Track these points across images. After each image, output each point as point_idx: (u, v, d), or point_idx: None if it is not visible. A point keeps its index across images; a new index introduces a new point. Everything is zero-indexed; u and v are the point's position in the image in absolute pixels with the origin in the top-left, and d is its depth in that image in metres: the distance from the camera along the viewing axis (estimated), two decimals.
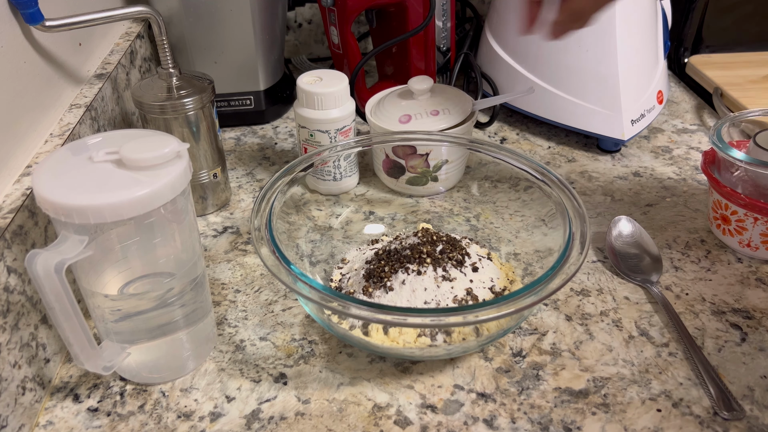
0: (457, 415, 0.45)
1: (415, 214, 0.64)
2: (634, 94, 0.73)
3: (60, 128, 0.54)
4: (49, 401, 0.47)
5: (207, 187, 0.65)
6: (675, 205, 0.67)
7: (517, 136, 0.80)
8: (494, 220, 0.61)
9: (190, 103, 0.59)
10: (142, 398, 0.47)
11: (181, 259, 0.45)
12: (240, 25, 0.76)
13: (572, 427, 0.44)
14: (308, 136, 0.66)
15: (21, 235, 0.44)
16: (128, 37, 0.74)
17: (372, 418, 0.45)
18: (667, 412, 0.45)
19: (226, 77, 0.79)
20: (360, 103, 0.77)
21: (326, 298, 0.42)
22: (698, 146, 0.77)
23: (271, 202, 0.50)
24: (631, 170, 0.73)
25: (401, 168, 0.64)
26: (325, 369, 0.49)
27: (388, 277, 0.51)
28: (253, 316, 0.54)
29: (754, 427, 0.44)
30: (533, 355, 0.50)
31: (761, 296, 0.55)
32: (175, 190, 0.41)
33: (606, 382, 0.48)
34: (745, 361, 0.49)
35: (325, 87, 0.63)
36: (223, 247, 0.62)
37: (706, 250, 0.60)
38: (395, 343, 0.48)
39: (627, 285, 0.57)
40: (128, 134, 0.44)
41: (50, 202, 0.38)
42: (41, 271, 0.38)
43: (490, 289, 0.52)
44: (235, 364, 0.50)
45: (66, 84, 0.59)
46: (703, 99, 0.87)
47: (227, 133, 0.82)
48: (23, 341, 0.44)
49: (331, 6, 0.74)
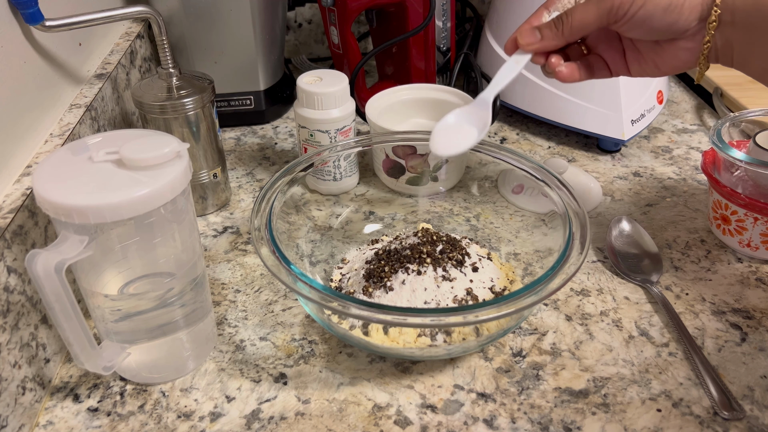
0: (457, 415, 0.45)
1: (415, 214, 0.64)
2: (634, 94, 0.73)
3: (60, 128, 0.54)
4: (49, 401, 0.47)
5: (207, 187, 0.65)
6: (675, 205, 0.67)
7: (517, 136, 0.80)
8: (494, 220, 0.61)
9: (190, 103, 0.59)
10: (142, 398, 0.47)
11: (181, 259, 0.45)
12: (240, 25, 0.76)
13: (572, 427, 0.44)
14: (308, 136, 0.66)
15: (21, 235, 0.44)
16: (128, 37, 0.74)
17: (372, 418, 0.45)
18: (667, 412, 0.45)
19: (226, 77, 0.79)
20: (360, 103, 0.77)
21: (326, 298, 0.42)
22: (698, 146, 0.77)
23: (271, 202, 0.50)
24: (631, 170, 0.73)
25: (401, 168, 0.64)
26: (325, 369, 0.49)
27: (388, 277, 0.51)
28: (253, 316, 0.54)
29: (754, 427, 0.44)
30: (533, 355, 0.50)
31: (761, 296, 0.55)
32: (175, 190, 0.41)
33: (606, 382, 0.48)
34: (745, 361, 0.49)
35: (325, 87, 0.63)
36: (223, 247, 0.62)
37: (706, 250, 0.60)
38: (395, 343, 0.48)
39: (627, 285, 0.57)
40: (128, 134, 0.44)
41: (50, 202, 0.38)
42: (41, 271, 0.38)
43: (490, 289, 0.52)
44: (235, 364, 0.50)
45: (66, 84, 0.59)
46: (703, 99, 0.87)
47: (227, 133, 0.82)
48: (23, 341, 0.44)
49: (331, 6, 0.74)
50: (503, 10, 0.80)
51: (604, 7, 0.45)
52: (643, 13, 0.44)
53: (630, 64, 0.50)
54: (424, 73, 0.82)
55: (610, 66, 0.51)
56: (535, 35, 0.48)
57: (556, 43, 0.48)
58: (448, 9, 0.85)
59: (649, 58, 0.49)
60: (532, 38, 0.48)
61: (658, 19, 0.44)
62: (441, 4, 0.83)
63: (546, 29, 0.48)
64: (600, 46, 0.51)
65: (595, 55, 0.51)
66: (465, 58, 0.85)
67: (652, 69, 0.49)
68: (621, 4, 0.44)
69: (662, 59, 0.48)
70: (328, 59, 1.02)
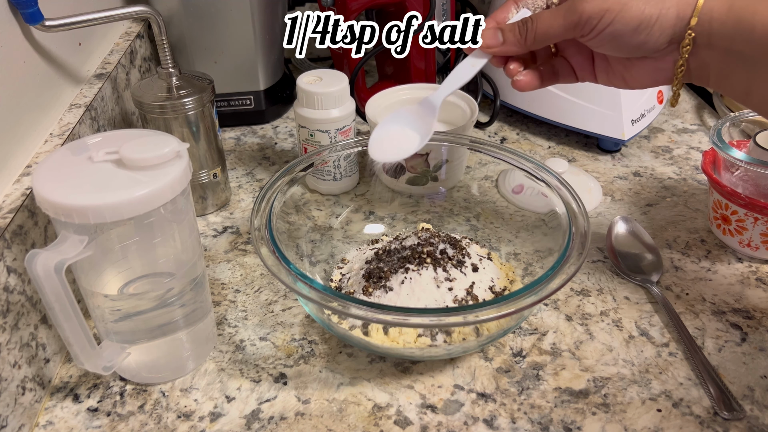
0: (457, 415, 0.45)
1: (415, 214, 0.64)
2: (635, 94, 0.73)
3: (60, 128, 0.54)
4: (49, 401, 0.47)
5: (207, 187, 0.65)
6: (675, 205, 0.67)
7: (517, 136, 0.80)
8: (494, 220, 0.61)
9: (190, 103, 0.59)
10: (142, 398, 0.47)
11: (181, 259, 0.45)
12: (240, 25, 0.76)
13: (572, 427, 0.44)
14: (308, 136, 0.66)
15: (21, 235, 0.44)
16: (128, 36, 0.74)
17: (372, 418, 0.45)
18: (667, 412, 0.45)
19: (226, 77, 0.79)
20: (360, 103, 0.77)
21: (326, 298, 0.42)
22: (698, 146, 0.77)
23: (271, 202, 0.50)
24: (631, 170, 0.73)
25: (401, 168, 0.64)
26: (325, 369, 0.49)
27: (388, 277, 0.51)
28: (253, 316, 0.54)
29: (754, 427, 0.44)
30: (533, 355, 0.50)
31: (761, 296, 0.55)
32: (175, 190, 0.41)
33: (606, 382, 0.48)
34: (745, 361, 0.49)
35: (325, 87, 0.63)
36: (223, 247, 0.62)
37: (706, 250, 0.60)
38: (395, 343, 0.48)
39: (627, 285, 0.57)
40: (128, 134, 0.44)
41: (50, 202, 0.38)
42: (41, 271, 0.38)
43: (490, 289, 0.52)
44: (235, 364, 0.50)
45: (66, 84, 0.59)
46: (703, 99, 0.87)
47: (227, 133, 0.82)
48: (23, 341, 0.44)
49: (331, 6, 0.74)
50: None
51: (572, 20, 0.43)
52: (611, 31, 0.42)
53: (598, 73, 0.49)
54: (424, 73, 0.82)
55: (576, 72, 0.49)
56: (497, 38, 0.46)
57: (517, 50, 0.46)
58: (448, 9, 0.85)
59: (618, 72, 0.47)
60: (493, 41, 0.46)
61: (627, 38, 0.42)
62: (441, 4, 0.83)
63: (509, 33, 0.46)
64: (569, 50, 0.49)
65: (562, 58, 0.49)
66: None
67: (620, 82, 0.48)
68: (589, 20, 0.42)
69: (631, 75, 0.47)
70: (328, 59, 1.02)
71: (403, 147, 0.47)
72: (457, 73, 0.47)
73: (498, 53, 0.47)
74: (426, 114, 0.48)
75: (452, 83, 0.47)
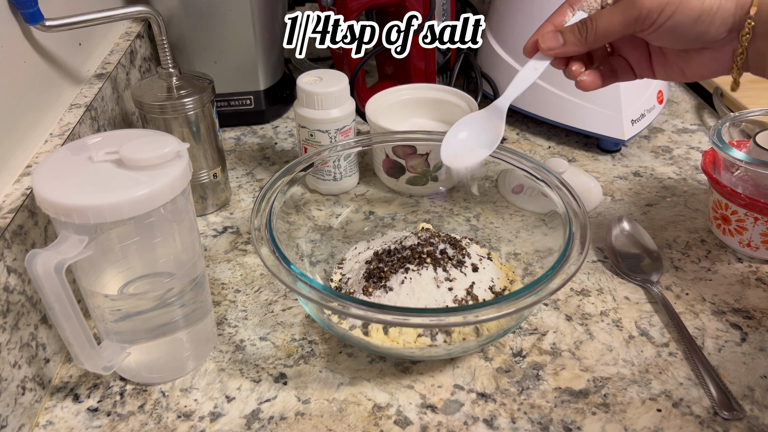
0: (457, 415, 0.45)
1: (415, 214, 0.64)
2: (635, 94, 0.73)
3: (60, 128, 0.54)
4: (49, 401, 0.47)
5: (207, 187, 0.65)
6: (675, 205, 0.67)
7: (517, 136, 0.80)
8: (494, 220, 0.61)
9: (190, 103, 0.59)
10: (142, 398, 0.47)
11: (181, 259, 0.45)
12: (240, 25, 0.76)
13: (572, 427, 0.44)
14: (308, 136, 0.66)
15: (21, 235, 0.44)
16: (128, 36, 0.74)
17: (372, 418, 0.45)
18: (667, 412, 0.45)
19: (226, 77, 0.79)
20: (360, 103, 0.77)
21: (326, 298, 0.42)
22: (698, 146, 0.77)
23: (271, 202, 0.50)
24: (631, 170, 0.73)
25: (401, 168, 0.64)
26: (325, 369, 0.49)
27: (388, 278, 0.51)
28: (253, 316, 0.54)
29: (754, 427, 0.44)
30: (533, 355, 0.50)
31: (761, 296, 0.55)
32: (175, 190, 0.41)
33: (606, 382, 0.48)
34: (745, 361, 0.49)
35: (325, 87, 0.63)
36: (223, 247, 0.62)
37: (706, 250, 0.60)
38: (395, 343, 0.48)
39: (627, 285, 0.57)
40: (128, 134, 0.44)
41: (50, 202, 0.38)
42: (41, 271, 0.38)
43: (490, 289, 0.52)
44: (235, 364, 0.50)
45: (66, 84, 0.59)
46: (703, 99, 0.87)
47: (227, 133, 0.82)
48: (23, 341, 0.44)
49: (331, 6, 0.74)
50: (503, 10, 0.80)
51: (632, 15, 0.43)
52: (672, 23, 0.43)
53: (656, 68, 0.49)
54: (424, 73, 0.82)
55: (634, 69, 0.50)
56: (557, 39, 0.47)
57: (578, 50, 0.47)
58: (448, 9, 0.85)
59: (675, 65, 0.48)
60: (554, 42, 0.47)
61: (687, 29, 0.43)
62: (441, 4, 0.83)
63: (569, 34, 0.46)
64: (625, 48, 0.50)
65: (619, 57, 0.50)
66: (465, 58, 0.85)
67: (678, 75, 0.48)
68: (649, 13, 0.43)
69: (689, 66, 0.47)
70: (328, 59, 1.02)
71: (475, 152, 0.49)
72: (521, 77, 0.48)
73: (559, 54, 0.48)
74: (494, 118, 0.49)
75: (517, 87, 0.48)
